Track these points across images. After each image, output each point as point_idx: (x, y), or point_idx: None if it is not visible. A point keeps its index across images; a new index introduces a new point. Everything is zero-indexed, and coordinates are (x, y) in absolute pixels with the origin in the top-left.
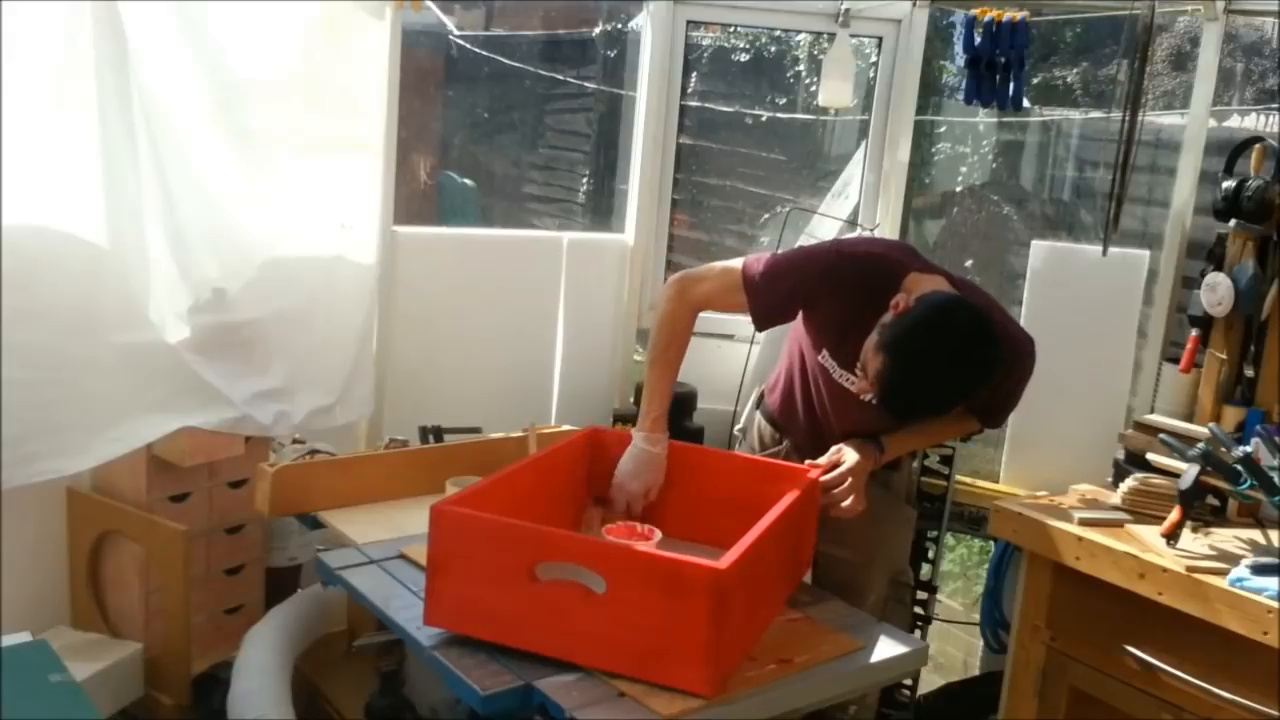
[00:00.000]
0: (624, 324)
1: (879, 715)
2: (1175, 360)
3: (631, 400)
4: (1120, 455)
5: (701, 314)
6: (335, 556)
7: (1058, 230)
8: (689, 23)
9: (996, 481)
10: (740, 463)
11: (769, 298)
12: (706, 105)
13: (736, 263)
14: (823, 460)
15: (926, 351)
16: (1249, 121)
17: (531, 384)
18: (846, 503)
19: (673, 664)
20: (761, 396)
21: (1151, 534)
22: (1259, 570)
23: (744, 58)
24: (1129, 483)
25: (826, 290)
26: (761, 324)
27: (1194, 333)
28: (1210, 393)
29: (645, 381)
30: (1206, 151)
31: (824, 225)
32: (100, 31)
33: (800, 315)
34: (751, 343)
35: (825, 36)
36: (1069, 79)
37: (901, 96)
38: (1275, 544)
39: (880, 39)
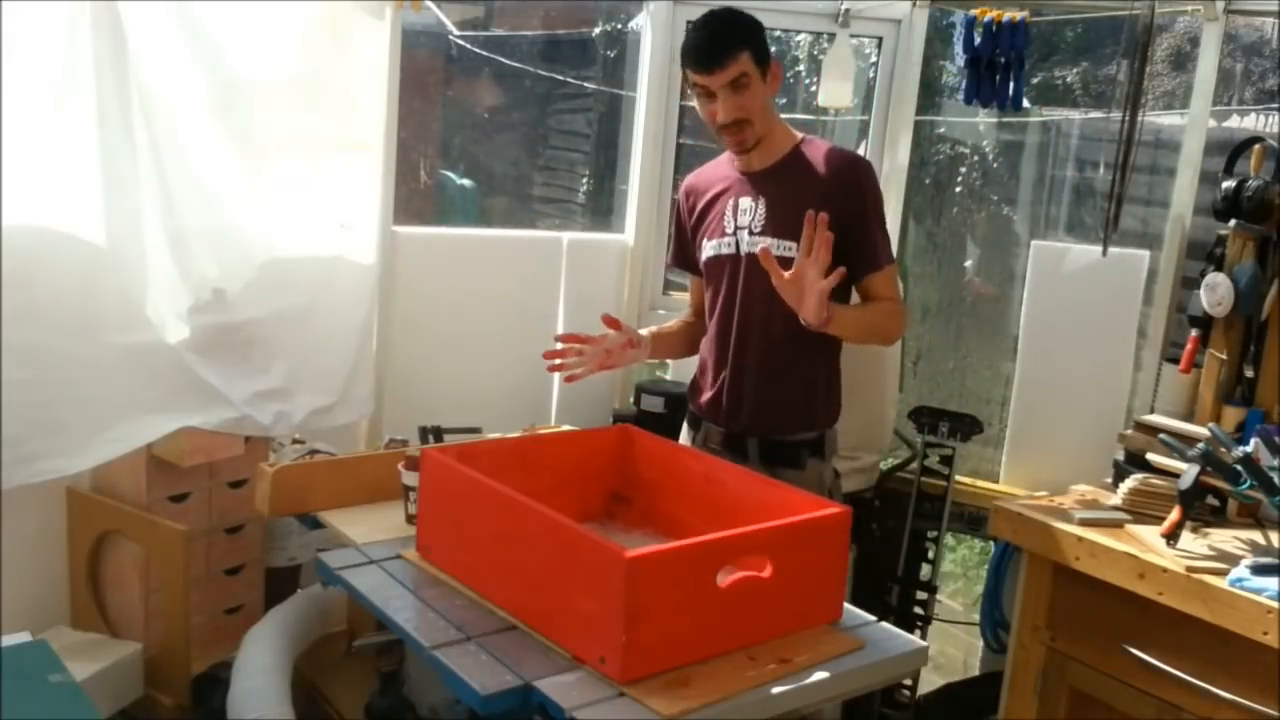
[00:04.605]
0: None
1: (879, 715)
2: (1175, 360)
3: (631, 400)
4: (1120, 455)
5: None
6: (335, 556)
7: (1058, 230)
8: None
9: (996, 481)
10: (763, 484)
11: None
12: None
13: None
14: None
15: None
16: (1249, 121)
17: (531, 384)
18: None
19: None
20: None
21: (1151, 534)
22: (1259, 570)
23: None
24: (1129, 483)
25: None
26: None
27: (1194, 333)
28: (1210, 393)
29: None
30: (1206, 151)
31: None
32: (100, 31)
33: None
34: None
35: (825, 36)
36: (1069, 79)
37: (901, 96)
38: (1275, 544)
39: (880, 39)
